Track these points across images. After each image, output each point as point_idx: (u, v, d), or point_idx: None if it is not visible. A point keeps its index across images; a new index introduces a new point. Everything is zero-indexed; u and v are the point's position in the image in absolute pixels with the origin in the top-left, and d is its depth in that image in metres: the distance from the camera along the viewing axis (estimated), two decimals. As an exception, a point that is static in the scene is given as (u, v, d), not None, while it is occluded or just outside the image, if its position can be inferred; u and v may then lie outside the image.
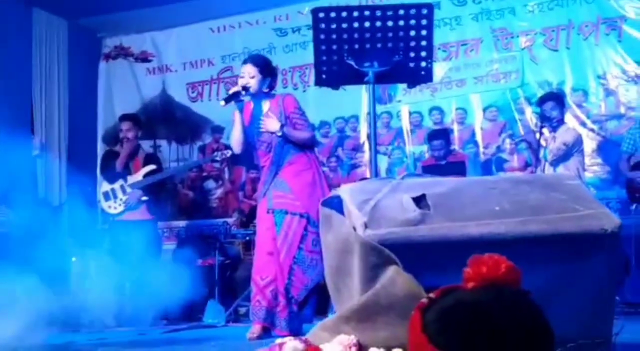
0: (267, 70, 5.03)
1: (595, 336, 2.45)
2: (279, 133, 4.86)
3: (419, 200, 2.57)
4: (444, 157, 7.31)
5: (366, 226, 2.45)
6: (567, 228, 2.44)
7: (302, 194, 4.86)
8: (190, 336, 5.10)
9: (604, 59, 7.70)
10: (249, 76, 4.92)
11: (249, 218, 7.99)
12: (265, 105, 5.00)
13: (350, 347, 2.33)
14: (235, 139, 5.03)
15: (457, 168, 7.07)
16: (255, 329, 4.67)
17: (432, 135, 7.56)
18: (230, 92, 4.92)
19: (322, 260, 4.69)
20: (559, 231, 2.43)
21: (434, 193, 2.61)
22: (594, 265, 2.46)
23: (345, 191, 2.75)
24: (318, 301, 4.93)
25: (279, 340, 2.45)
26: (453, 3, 8.40)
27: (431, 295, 1.79)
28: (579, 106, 7.76)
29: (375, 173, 3.89)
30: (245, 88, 4.89)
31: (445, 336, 1.67)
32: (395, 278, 2.36)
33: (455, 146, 8.13)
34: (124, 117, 7.33)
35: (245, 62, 5.07)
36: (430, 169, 7.17)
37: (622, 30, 7.62)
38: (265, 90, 5.01)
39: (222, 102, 4.85)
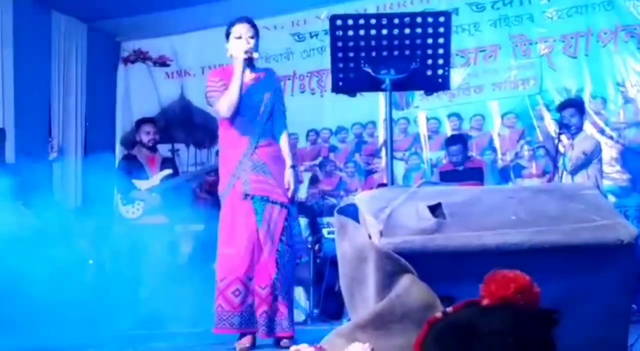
0: (258, 31, 4.64)
1: (611, 347, 2.44)
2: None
3: (435, 209, 2.57)
4: (462, 162, 7.28)
5: (382, 234, 2.45)
6: (583, 239, 2.44)
7: (283, 182, 4.44)
8: (205, 340, 5.11)
9: (622, 67, 7.67)
10: (249, 36, 4.51)
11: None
12: (262, 75, 4.60)
13: (364, 355, 2.33)
14: (231, 100, 4.37)
15: (474, 175, 7.05)
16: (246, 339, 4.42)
17: (450, 141, 7.54)
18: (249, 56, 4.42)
19: (295, 256, 4.55)
20: (576, 241, 2.43)
21: (451, 202, 2.61)
22: (610, 275, 2.45)
23: (361, 199, 2.75)
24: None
25: (293, 347, 2.45)
26: (471, 9, 8.38)
27: (449, 309, 1.77)
28: (598, 114, 7.72)
29: (391, 180, 3.89)
30: (252, 56, 4.43)
31: None
32: (410, 287, 2.36)
33: (473, 152, 8.10)
34: (147, 120, 7.34)
35: (240, 20, 4.62)
36: (448, 175, 7.15)
37: (641, 38, 7.59)
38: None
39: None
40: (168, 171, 7.03)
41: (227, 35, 4.65)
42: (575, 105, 6.74)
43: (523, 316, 1.66)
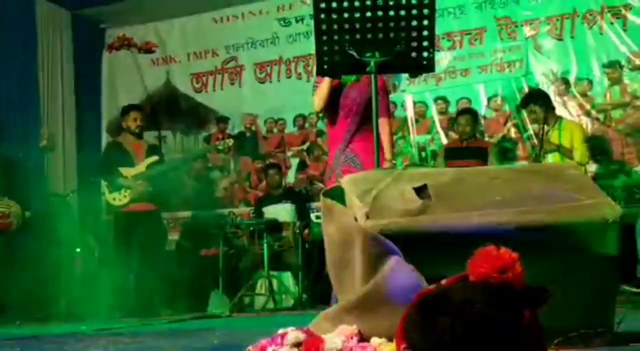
0: None
1: (597, 325, 2.45)
2: None
3: (421, 190, 2.57)
4: (471, 134, 7.25)
5: (368, 216, 2.44)
6: (568, 218, 2.44)
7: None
8: (194, 326, 5.11)
9: (609, 48, 7.66)
10: None
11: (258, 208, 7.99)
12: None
13: (352, 337, 2.33)
14: (320, 94, 4.80)
15: (479, 154, 6.99)
16: None
17: (461, 111, 7.59)
18: None
19: None
20: (560, 221, 2.43)
21: (436, 183, 2.61)
22: (595, 254, 2.45)
23: (347, 181, 2.75)
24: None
25: (281, 330, 2.45)
26: (457, -9, 8.37)
27: (443, 282, 1.77)
28: (584, 95, 7.73)
29: (378, 163, 3.87)
30: None
31: (416, 336, 1.64)
32: (397, 269, 2.35)
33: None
34: (133, 107, 7.31)
35: None
36: (453, 151, 7.14)
37: (627, 19, 7.58)
38: None
39: None
40: (154, 158, 7.00)
41: None
42: (536, 98, 6.81)
43: (504, 293, 1.65)
